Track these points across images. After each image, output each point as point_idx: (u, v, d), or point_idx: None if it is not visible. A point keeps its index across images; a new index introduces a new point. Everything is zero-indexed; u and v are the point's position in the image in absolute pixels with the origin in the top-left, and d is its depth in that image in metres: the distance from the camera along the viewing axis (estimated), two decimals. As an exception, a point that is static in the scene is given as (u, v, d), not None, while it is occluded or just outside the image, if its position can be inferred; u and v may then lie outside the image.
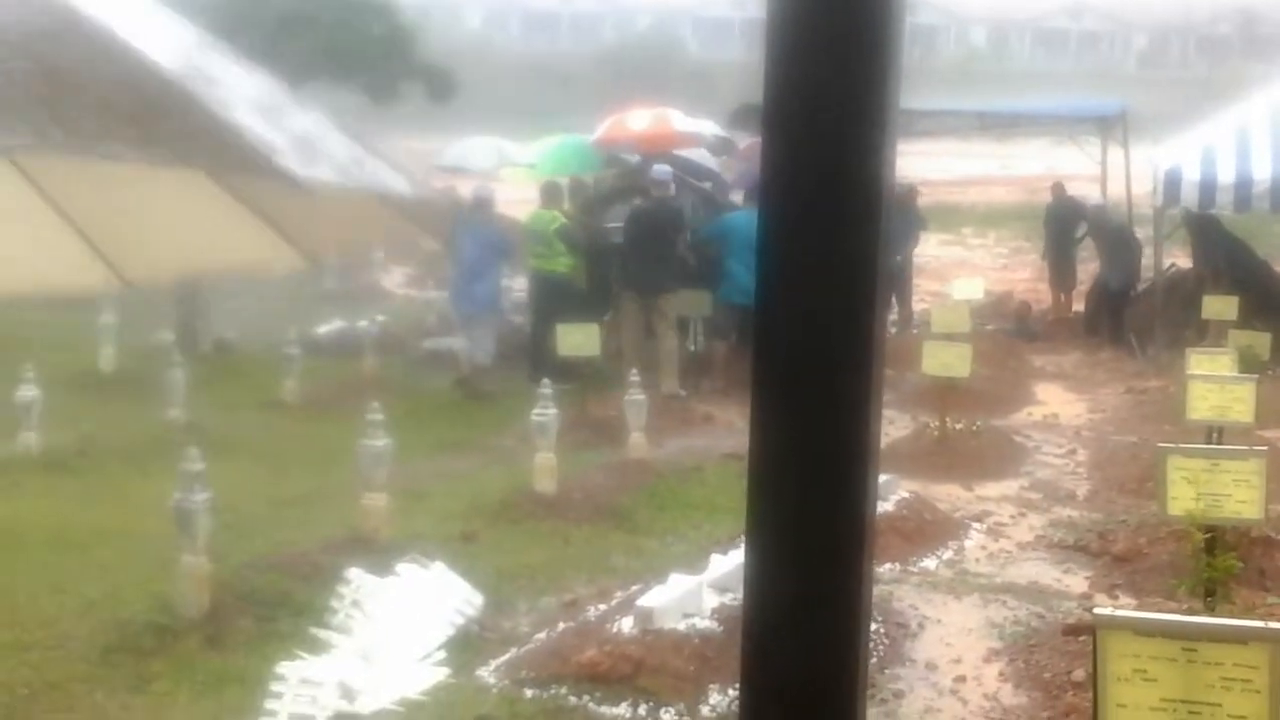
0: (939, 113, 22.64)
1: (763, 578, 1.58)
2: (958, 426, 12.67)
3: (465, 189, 16.60)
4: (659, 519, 10.24)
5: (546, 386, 10.70)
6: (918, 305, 20.44)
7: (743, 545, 1.59)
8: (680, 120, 17.93)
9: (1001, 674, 7.40)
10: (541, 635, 7.58)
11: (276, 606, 7.67)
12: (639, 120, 17.29)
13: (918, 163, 35.06)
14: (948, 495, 11.16)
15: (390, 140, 41.88)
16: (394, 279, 25.00)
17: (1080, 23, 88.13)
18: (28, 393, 11.64)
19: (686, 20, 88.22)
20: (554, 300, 15.06)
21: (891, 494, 10.20)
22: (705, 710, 6.51)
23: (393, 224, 4.03)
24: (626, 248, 15.06)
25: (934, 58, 77.95)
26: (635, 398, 11.68)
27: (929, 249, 21.17)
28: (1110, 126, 21.14)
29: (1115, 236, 19.01)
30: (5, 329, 18.02)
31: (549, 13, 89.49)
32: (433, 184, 21.86)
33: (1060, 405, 15.00)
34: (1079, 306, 19.93)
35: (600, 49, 75.39)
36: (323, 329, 18.20)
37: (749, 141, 19.13)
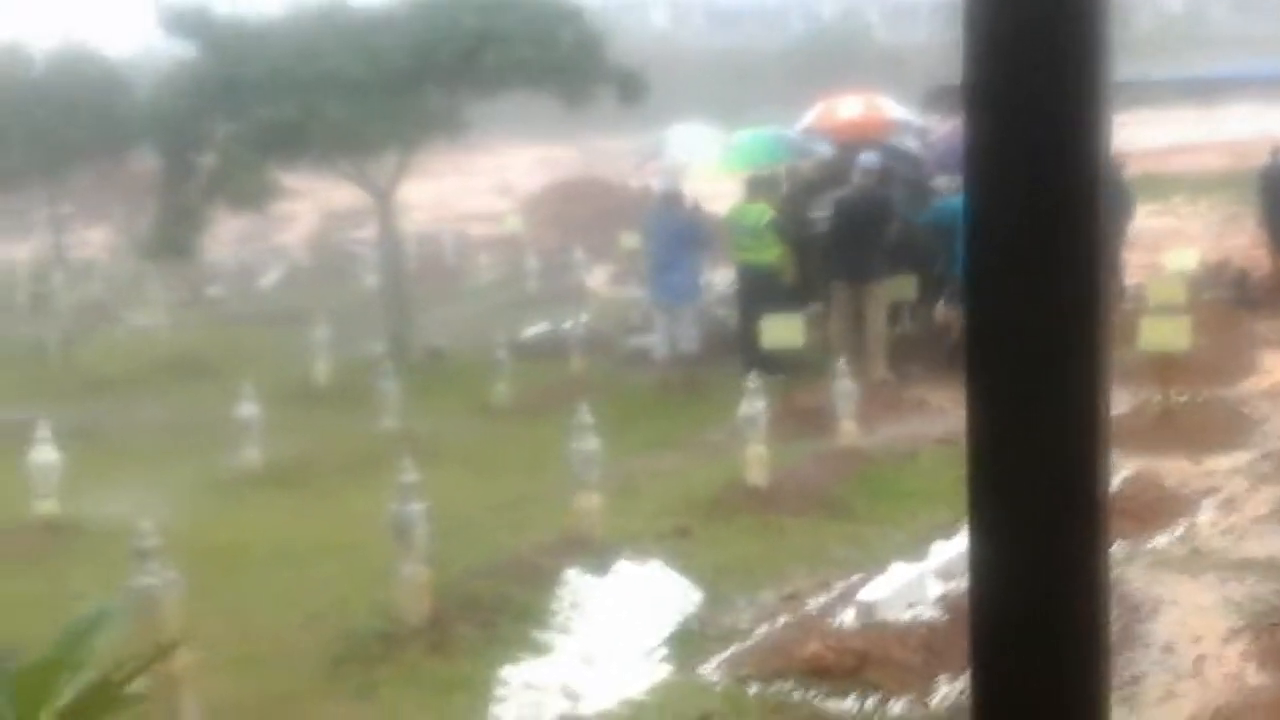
0: (1142, 82, 21.98)
1: (990, 565, 1.51)
2: (1181, 400, 12.23)
3: (674, 178, 16.53)
4: (875, 508, 10.07)
5: (754, 380, 10.60)
6: (1130, 279, 19.88)
7: (965, 532, 1.50)
8: (890, 107, 17.68)
9: (1244, 653, 7.09)
10: (762, 630, 7.48)
11: (497, 611, 7.69)
12: (849, 107, 17.07)
13: (1121, 134, 34.14)
14: (1175, 471, 10.77)
15: (585, 141, 42.29)
16: (596, 278, 25.15)
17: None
18: (248, 409, 11.92)
19: (873, 6, 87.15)
20: (763, 292, 14.99)
21: (1118, 473, 9.88)
22: (934, 702, 6.34)
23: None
24: (835, 237, 14.92)
25: (1130, 29, 75.75)
26: (845, 386, 11.51)
27: (1139, 220, 20.49)
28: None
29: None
30: (223, 346, 18.62)
31: (734, 7, 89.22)
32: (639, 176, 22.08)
33: (1287, 373, 14.43)
34: (1301, 271, 19.17)
35: (787, 40, 74.91)
36: (529, 332, 18.35)
37: (948, 124, 18.77)
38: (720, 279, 18.24)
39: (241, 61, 16.10)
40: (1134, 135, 33.15)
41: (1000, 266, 1.44)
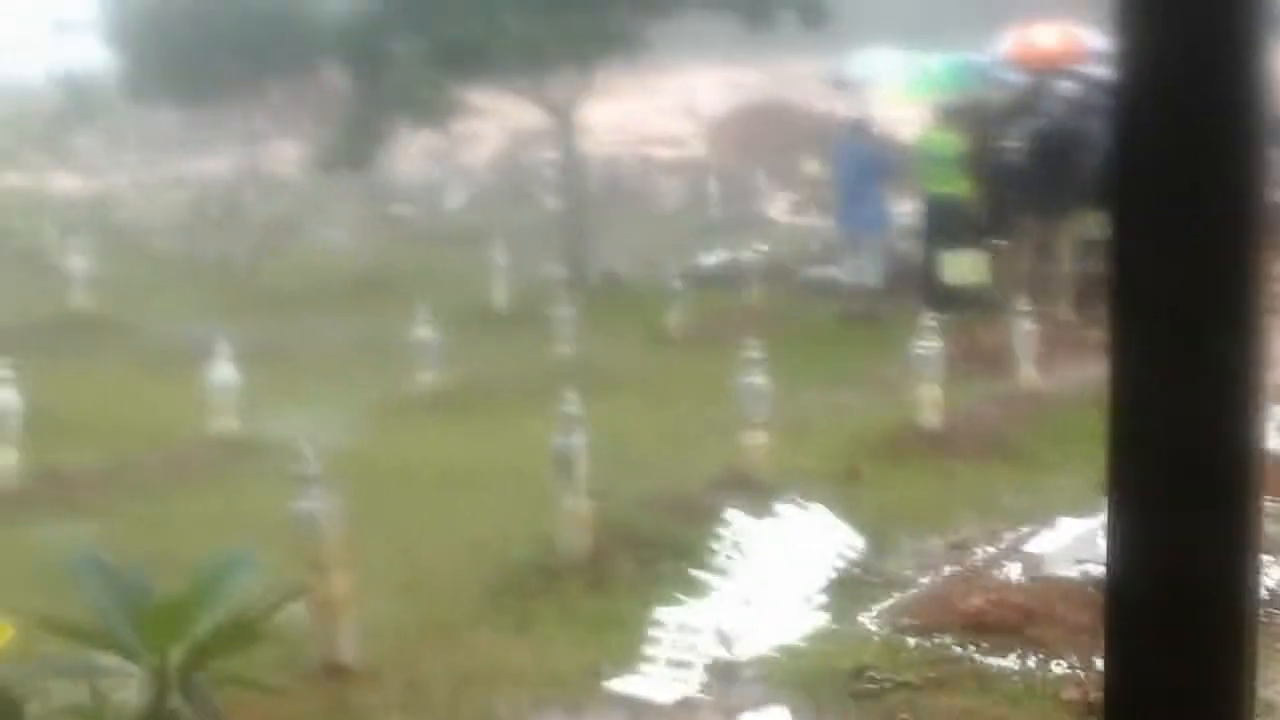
0: None
1: (1127, 538, 1.43)
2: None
3: (863, 105, 16.22)
4: (1050, 454, 9.77)
5: (930, 318, 10.36)
6: None
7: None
8: (1089, 36, 17.09)
9: None
10: (925, 580, 7.33)
11: (658, 548, 7.65)
12: (1046, 36, 16.51)
13: None
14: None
15: (772, 64, 41.74)
16: (778, 206, 24.89)
17: None
18: (424, 333, 12.01)
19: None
20: (949, 225, 14.67)
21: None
22: (1100, 663, 6.13)
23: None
24: (1029, 169, 14.46)
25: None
26: (1025, 327, 11.21)
27: None
28: None
29: None
30: (406, 265, 18.82)
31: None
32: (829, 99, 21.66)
33: None
34: None
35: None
36: (707, 259, 18.21)
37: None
38: (905, 210, 17.91)
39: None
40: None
41: (1148, 208, 1.35)
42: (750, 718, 5.36)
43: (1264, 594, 6.69)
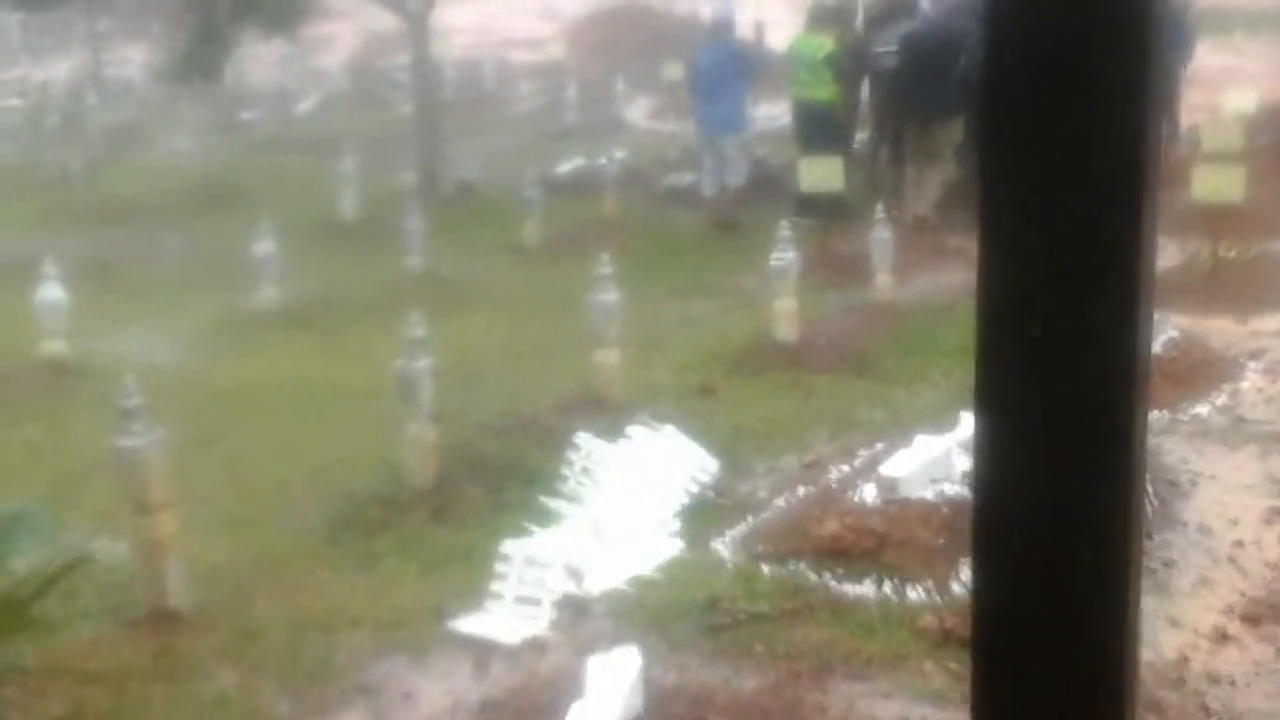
0: None
1: (998, 447, 1.35)
2: (1230, 254, 11.72)
3: (727, 4, 15.81)
4: (905, 365, 9.66)
5: (786, 228, 10.14)
6: (1187, 119, 19.19)
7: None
8: None
9: (1283, 536, 6.74)
10: (780, 502, 7.15)
11: (506, 475, 7.39)
12: None
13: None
14: (1220, 330, 10.32)
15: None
16: (637, 110, 24.55)
17: None
18: (266, 246, 11.54)
19: None
20: (818, 130, 14.41)
21: (1159, 333, 9.45)
22: (956, 587, 6.02)
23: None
24: (902, 73, 14.18)
25: None
26: (881, 235, 11.04)
27: (1196, 57, 19.68)
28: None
29: None
30: (253, 174, 18.25)
31: None
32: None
33: (1349, 226, 13.82)
34: (1370, 116, 18.37)
35: None
36: (563, 167, 17.83)
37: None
38: (775, 114, 17.68)
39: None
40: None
41: (1020, 105, 1.25)
42: (599, 658, 5.13)
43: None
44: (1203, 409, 8.67)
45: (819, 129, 14.41)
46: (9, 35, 35.53)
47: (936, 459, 6.83)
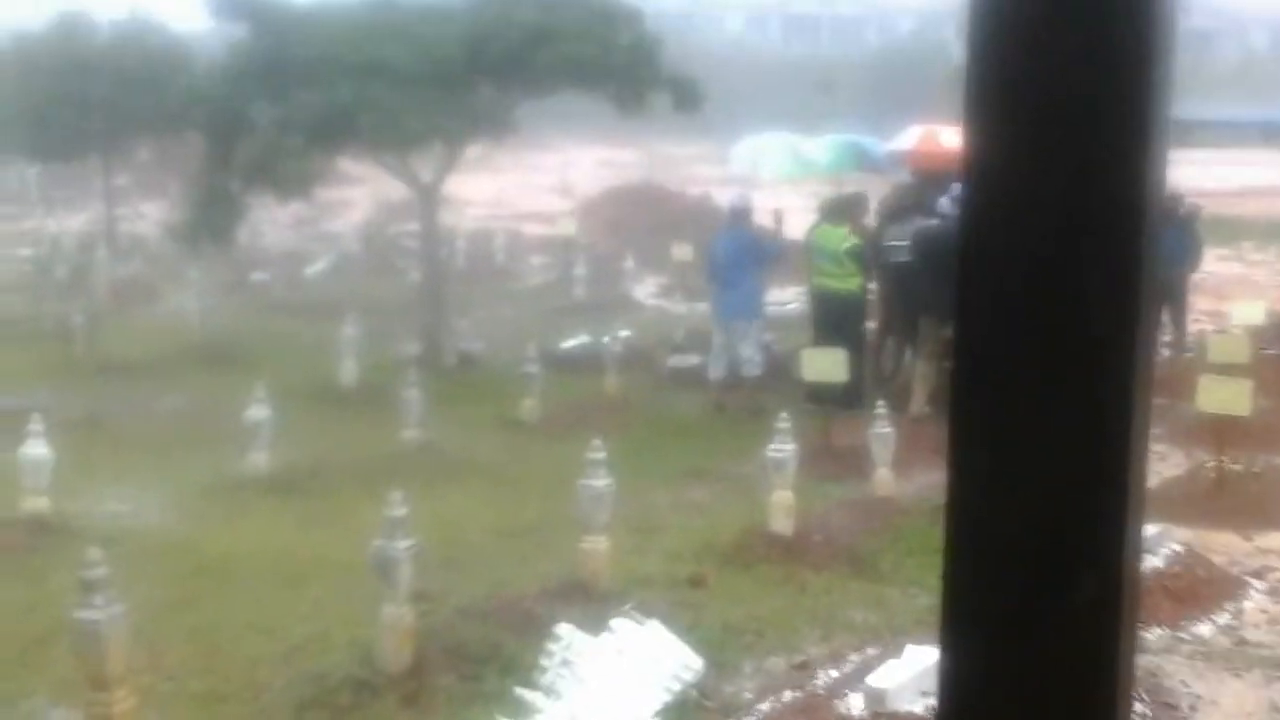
0: (1216, 122, 21.35)
1: (967, 659, 1.26)
2: (1236, 467, 11.56)
3: (745, 193, 15.85)
4: (902, 566, 9.43)
5: (784, 419, 9.99)
6: (1194, 325, 19.20)
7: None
8: None
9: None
10: (764, 707, 6.91)
11: (483, 663, 7.15)
12: (952, 137, 16.32)
13: (1192, 172, 33.32)
14: (1224, 545, 10.11)
15: (650, 144, 41.84)
16: (645, 288, 24.62)
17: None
18: (260, 411, 11.40)
19: (950, 23, 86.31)
20: (843, 319, 14.38)
21: (1161, 546, 9.25)
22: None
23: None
24: (919, 269, 14.17)
25: (1211, 63, 74.64)
26: (882, 429, 10.90)
27: (1204, 264, 19.74)
28: None
29: None
30: (258, 336, 18.22)
31: (810, 15, 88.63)
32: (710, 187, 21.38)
33: (1356, 442, 13.65)
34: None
35: (863, 52, 74.26)
36: (567, 343, 17.77)
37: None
38: (773, 299, 17.67)
39: (290, 46, 15.64)
40: (1206, 175, 32.42)
41: (994, 297, 1.24)
42: None
43: None
44: (1205, 628, 8.45)
45: (840, 319, 14.38)
46: (27, 186, 35.93)
47: (927, 670, 6.59)
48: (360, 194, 35.17)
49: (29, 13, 29.41)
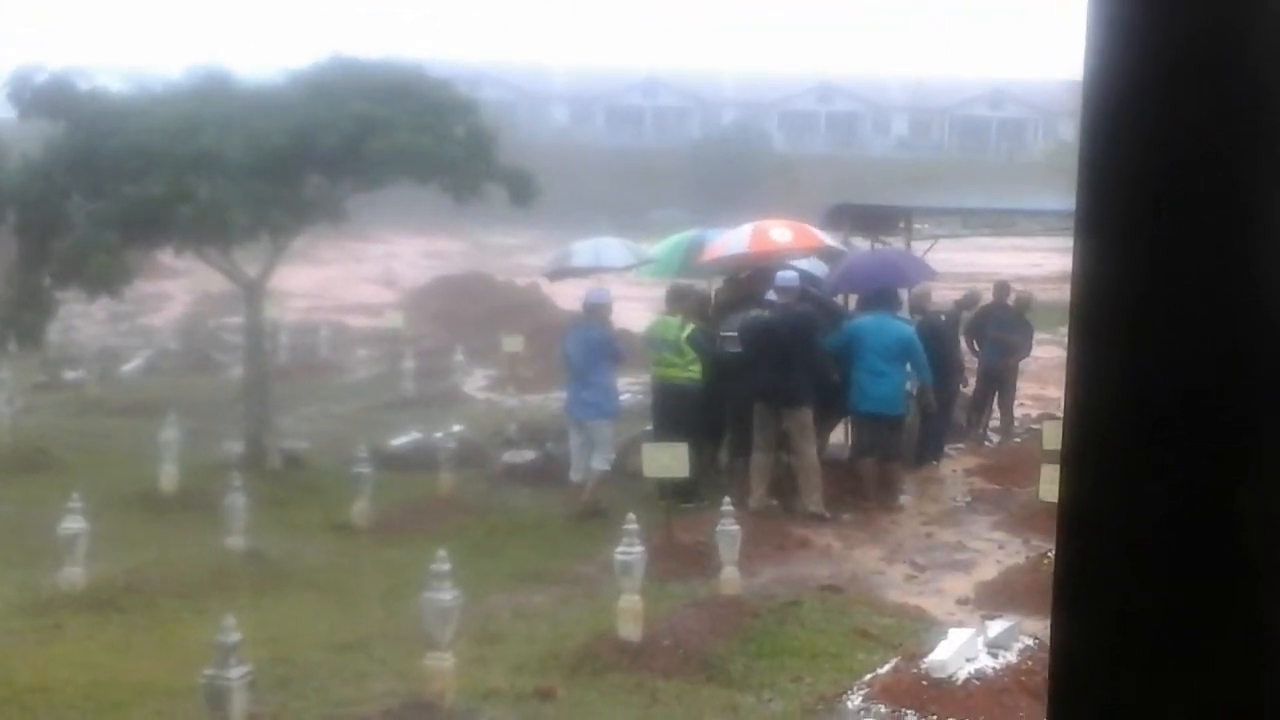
0: (1028, 211, 22.18)
1: None
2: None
3: (601, 291, 15.55)
4: (754, 669, 9.15)
5: (632, 522, 9.66)
6: (1018, 410, 19.53)
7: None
8: (820, 233, 17.02)
9: None
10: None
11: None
12: (782, 233, 16.26)
13: (1015, 259, 34.05)
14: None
15: (476, 235, 41.65)
16: (475, 381, 24.23)
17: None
18: (73, 524, 10.74)
19: (772, 114, 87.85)
20: (683, 410, 14.16)
21: (1014, 641, 9.10)
22: None
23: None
24: (753, 358, 14.05)
25: (1025, 153, 77.06)
26: (728, 528, 10.63)
27: (1036, 351, 20.09)
28: None
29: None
30: (71, 438, 17.43)
31: (634, 107, 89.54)
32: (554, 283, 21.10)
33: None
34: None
35: (687, 143, 75.06)
36: (398, 440, 17.27)
37: (853, 248, 18.32)
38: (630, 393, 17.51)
39: (107, 138, 15.05)
40: (1024, 261, 33.18)
41: None
42: None
43: None
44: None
45: (683, 409, 14.17)
46: None
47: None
48: (179, 287, 34.32)
49: None
